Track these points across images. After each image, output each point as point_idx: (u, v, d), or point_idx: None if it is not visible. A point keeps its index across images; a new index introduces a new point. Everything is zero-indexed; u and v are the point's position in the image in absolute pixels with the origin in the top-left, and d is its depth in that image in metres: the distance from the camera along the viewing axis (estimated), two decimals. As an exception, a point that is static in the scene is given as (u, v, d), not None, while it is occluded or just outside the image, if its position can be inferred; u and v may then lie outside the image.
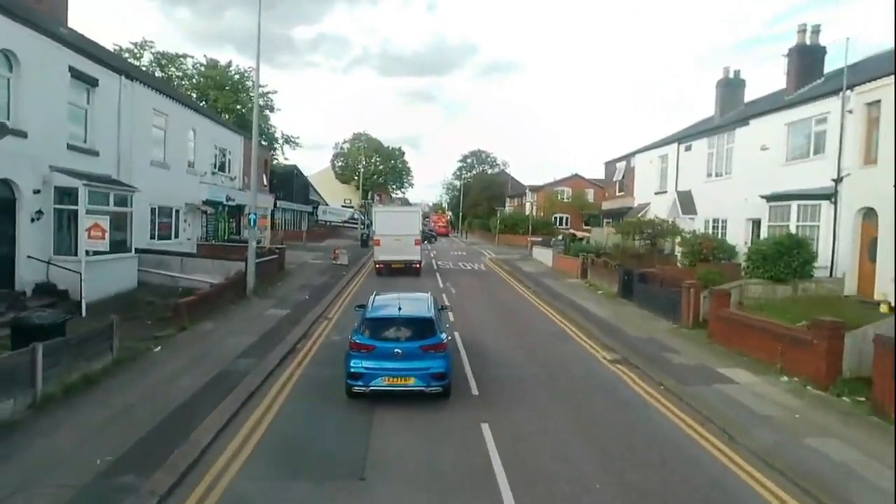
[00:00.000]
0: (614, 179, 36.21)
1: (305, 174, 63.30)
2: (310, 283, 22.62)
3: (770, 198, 19.04)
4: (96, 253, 14.58)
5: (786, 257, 15.86)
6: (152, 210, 20.38)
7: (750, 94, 26.85)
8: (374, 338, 9.29)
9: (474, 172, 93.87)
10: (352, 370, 9.09)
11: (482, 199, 76.04)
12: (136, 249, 17.36)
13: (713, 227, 23.63)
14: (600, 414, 9.38)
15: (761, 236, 19.91)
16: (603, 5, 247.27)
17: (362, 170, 76.78)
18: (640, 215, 28.33)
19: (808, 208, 17.61)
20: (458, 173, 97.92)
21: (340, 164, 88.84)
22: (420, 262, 27.07)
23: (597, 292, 22.79)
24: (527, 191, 70.73)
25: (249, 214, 18.67)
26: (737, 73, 26.64)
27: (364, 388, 9.08)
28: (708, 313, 14.95)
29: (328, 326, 15.35)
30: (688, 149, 26.43)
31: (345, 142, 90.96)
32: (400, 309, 9.81)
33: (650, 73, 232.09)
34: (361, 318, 10.00)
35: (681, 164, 27.00)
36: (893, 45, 16.60)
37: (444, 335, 9.70)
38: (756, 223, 20.73)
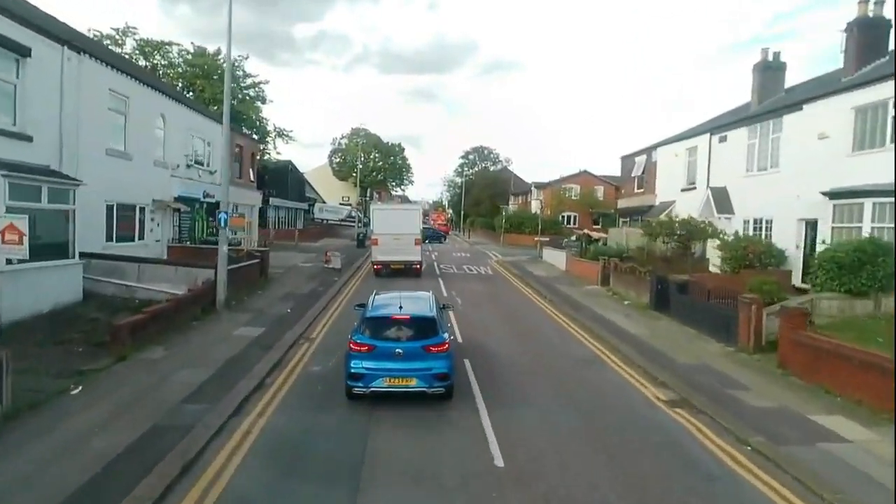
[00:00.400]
0: (633, 175, 33.23)
1: (302, 171, 60.50)
2: (295, 291, 19.77)
3: (834, 194, 16.16)
4: (21, 261, 11.79)
5: (868, 267, 13.06)
6: (109, 207, 17.40)
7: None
8: (374, 337, 9.02)
9: (476, 169, 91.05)
10: (352, 371, 8.81)
11: (485, 196, 73.25)
12: (82, 254, 14.48)
13: (755, 229, 20.75)
14: (678, 497, 6.56)
15: (818, 239, 17.12)
16: (603, 5, 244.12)
17: (360, 166, 73.60)
18: (665, 214, 25.44)
19: (886, 207, 14.72)
20: (459, 170, 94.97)
21: (338, 160, 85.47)
22: (421, 263, 25.61)
23: (623, 303, 19.94)
24: (532, 188, 67.72)
25: (219, 213, 15.70)
26: (776, 55, 23.60)
27: (364, 390, 8.78)
28: (778, 335, 12.11)
29: (309, 351, 12.50)
30: (722, 140, 23.50)
31: (343, 137, 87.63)
32: (401, 308, 9.56)
33: (650, 73, 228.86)
34: (361, 317, 9.67)
35: (713, 158, 24.06)
36: (893, 45, 15.88)
37: (446, 335, 9.36)
38: (811, 224, 17.86)
